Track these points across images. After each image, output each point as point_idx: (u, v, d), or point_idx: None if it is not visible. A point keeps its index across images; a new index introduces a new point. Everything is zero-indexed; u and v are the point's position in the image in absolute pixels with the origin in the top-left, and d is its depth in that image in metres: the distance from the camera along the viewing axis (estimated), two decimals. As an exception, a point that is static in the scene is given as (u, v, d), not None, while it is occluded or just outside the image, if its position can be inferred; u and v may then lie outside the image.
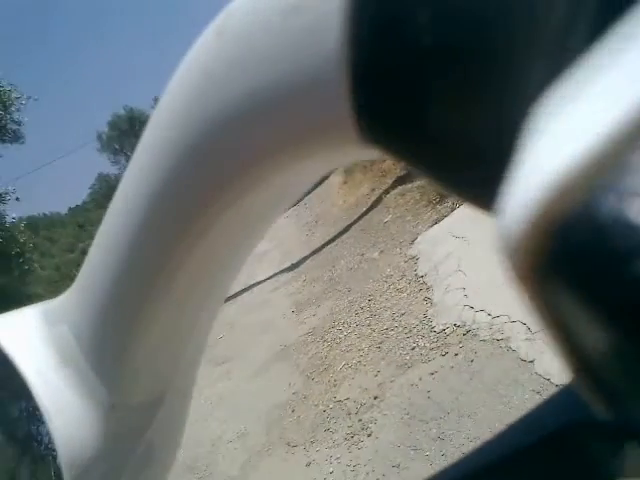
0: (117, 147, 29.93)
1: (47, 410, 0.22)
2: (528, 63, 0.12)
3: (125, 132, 29.31)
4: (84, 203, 37.77)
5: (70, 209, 40.89)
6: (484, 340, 2.64)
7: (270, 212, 0.23)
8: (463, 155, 0.14)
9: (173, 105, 0.18)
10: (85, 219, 31.91)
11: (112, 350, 0.22)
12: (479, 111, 0.13)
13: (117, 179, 31.47)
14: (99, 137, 30.04)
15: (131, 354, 0.22)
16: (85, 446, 0.22)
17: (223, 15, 0.17)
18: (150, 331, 0.22)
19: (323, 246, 6.03)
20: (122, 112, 29.96)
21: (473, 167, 0.14)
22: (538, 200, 0.08)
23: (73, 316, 0.23)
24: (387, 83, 0.14)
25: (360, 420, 2.73)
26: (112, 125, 29.71)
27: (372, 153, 0.16)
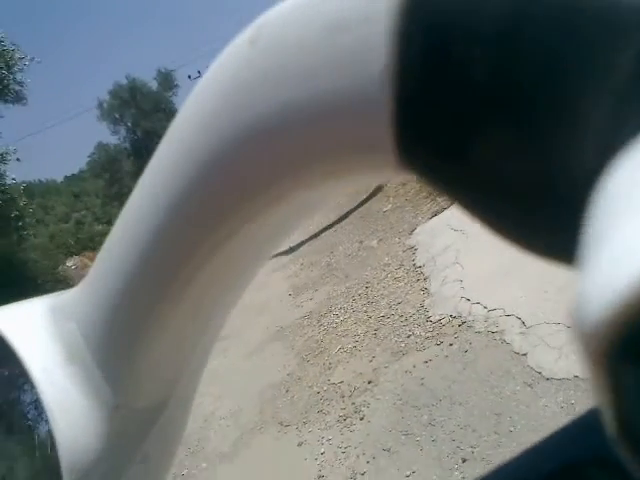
0: (117, 117, 29.47)
1: (51, 408, 0.21)
2: (589, 120, 0.11)
3: (126, 102, 28.86)
4: (81, 172, 37.20)
5: (66, 177, 40.42)
6: (479, 332, 2.70)
7: (289, 225, 0.22)
8: (504, 196, 0.13)
9: (200, 108, 0.18)
10: (81, 189, 31.46)
11: (121, 352, 0.22)
12: (526, 158, 0.13)
13: (116, 149, 30.94)
14: (100, 105, 29.63)
15: (140, 357, 0.22)
16: (86, 446, 0.22)
17: (258, 24, 0.16)
18: (160, 336, 0.22)
19: (322, 231, 6.07)
20: (124, 81, 29.66)
21: (514, 209, 0.14)
22: (622, 291, 0.08)
23: (82, 314, 0.23)
24: (433, 112, 0.13)
25: (353, 403, 2.79)
26: (113, 94, 29.25)
27: (405, 176, 0.16)
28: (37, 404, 0.22)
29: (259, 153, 0.17)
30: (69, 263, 16.17)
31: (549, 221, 0.13)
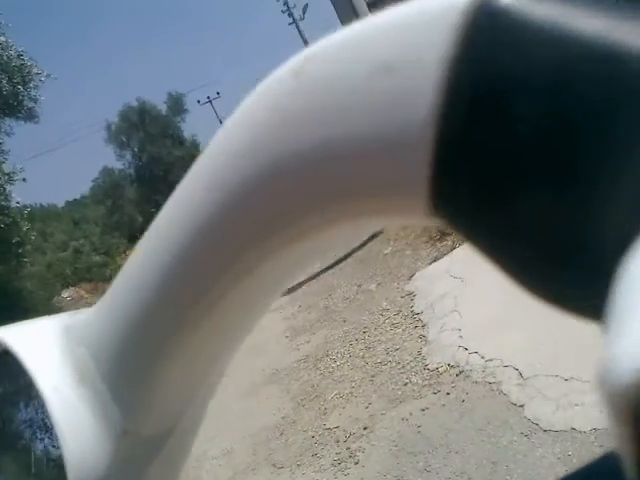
0: (124, 140, 28.94)
1: (60, 427, 0.21)
2: (627, 186, 0.11)
3: (134, 125, 28.16)
4: (82, 197, 36.28)
5: (67, 202, 39.48)
6: (476, 382, 2.71)
7: (305, 262, 0.22)
8: (532, 251, 0.13)
9: (236, 135, 0.18)
10: (81, 215, 30.60)
11: (132, 378, 0.22)
12: (562, 217, 0.13)
13: (121, 174, 29.94)
14: (108, 127, 29.25)
15: (150, 385, 0.22)
16: (94, 467, 0.22)
17: (303, 56, 0.16)
18: (172, 365, 0.22)
19: (320, 273, 6.08)
20: (134, 104, 29.42)
21: (544, 266, 0.14)
22: None
23: (95, 337, 0.23)
24: (473, 161, 0.13)
25: (348, 448, 2.77)
26: (123, 116, 28.60)
27: (433, 223, 0.16)
28: (45, 423, 0.23)
29: (293, 186, 0.17)
30: (65, 294, 15.95)
31: (576, 280, 0.13)
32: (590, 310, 0.13)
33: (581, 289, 0.13)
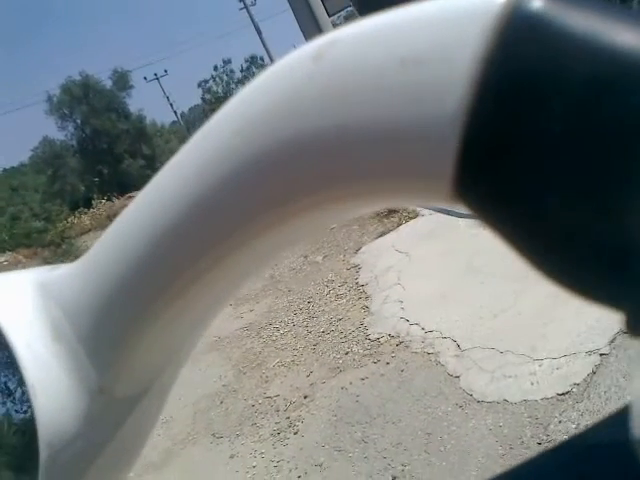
0: (67, 112, 28.58)
1: (32, 384, 0.21)
2: None
3: (77, 98, 28.05)
4: (21, 165, 35.79)
5: (4, 170, 38.64)
6: (415, 352, 2.76)
7: (298, 238, 0.23)
8: (550, 240, 0.14)
9: (246, 111, 0.18)
10: (20, 183, 30.28)
11: (110, 337, 0.22)
12: (581, 215, 0.13)
13: (62, 145, 29.91)
14: (49, 99, 28.66)
15: (128, 345, 0.22)
16: (66, 424, 0.22)
17: (324, 41, 0.17)
18: (152, 329, 0.22)
19: (267, 244, 6.06)
20: (78, 77, 28.80)
21: (562, 256, 0.14)
22: None
23: (72, 295, 0.23)
24: (499, 156, 0.14)
25: (288, 418, 2.79)
26: (65, 89, 28.34)
27: (457, 206, 0.16)
28: (19, 380, 0.22)
29: (304, 163, 0.17)
30: (1, 259, 15.50)
31: (604, 275, 0.14)
32: (621, 304, 0.14)
33: (611, 285, 0.14)
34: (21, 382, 0.22)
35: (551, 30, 0.13)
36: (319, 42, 0.17)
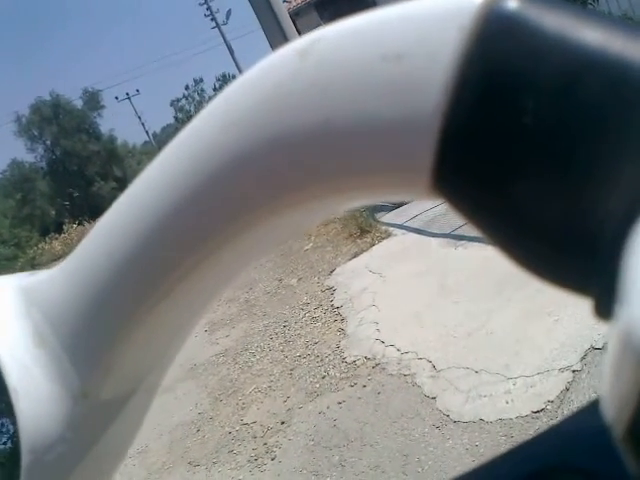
0: (36, 133, 28.05)
1: (15, 390, 0.21)
2: (624, 175, 0.13)
3: (47, 119, 27.60)
4: None
5: None
6: (392, 374, 2.77)
7: (281, 237, 0.23)
8: (530, 232, 0.15)
9: (232, 107, 0.18)
10: None
11: (93, 342, 0.22)
12: (558, 202, 0.14)
13: (31, 168, 29.29)
14: (18, 119, 28.14)
15: (112, 350, 0.22)
16: (48, 431, 0.21)
17: (309, 39, 0.17)
18: (137, 333, 0.22)
19: (242, 268, 6.02)
20: (48, 97, 28.41)
21: (540, 246, 0.15)
22: None
23: (55, 300, 0.22)
24: (478, 149, 0.14)
25: (265, 444, 2.77)
26: (34, 109, 27.86)
27: (434, 199, 0.17)
28: (1, 385, 0.22)
29: (291, 158, 0.17)
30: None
31: (574, 261, 0.14)
32: (589, 289, 0.14)
33: (580, 270, 0.14)
34: (3, 387, 0.22)
35: (525, 28, 0.14)
36: (305, 39, 0.17)
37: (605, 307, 0.13)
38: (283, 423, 2.86)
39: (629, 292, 0.11)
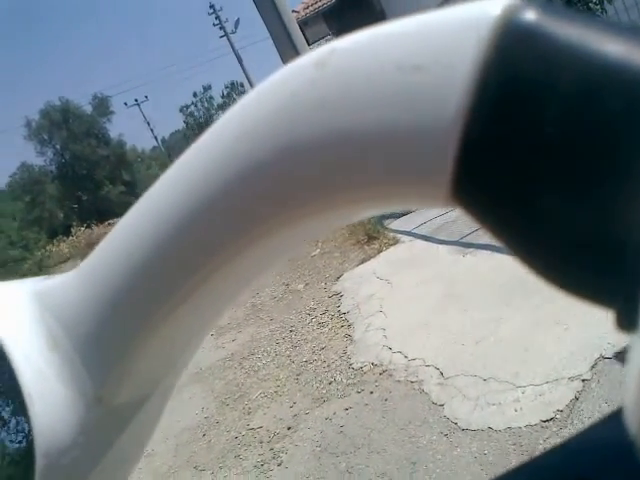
0: (46, 138, 28.36)
1: (29, 394, 0.21)
2: None
3: (57, 124, 27.90)
4: None
5: None
6: (399, 381, 2.75)
7: (299, 242, 0.23)
8: (554, 246, 0.14)
9: (249, 116, 0.18)
10: None
11: (107, 347, 0.22)
12: (577, 213, 0.14)
13: (41, 171, 29.58)
14: (28, 124, 28.42)
15: (127, 355, 0.22)
16: (62, 436, 0.22)
17: (326, 49, 0.17)
18: (152, 339, 0.22)
19: (249, 272, 6.03)
20: (57, 103, 28.67)
21: (558, 257, 0.15)
22: None
23: (70, 305, 0.22)
24: (497, 158, 0.14)
25: (272, 449, 2.76)
26: (44, 114, 28.19)
27: (453, 208, 0.17)
28: (16, 389, 0.22)
29: (307, 167, 0.17)
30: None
31: (596, 272, 0.14)
32: (611, 301, 0.14)
33: (602, 282, 0.14)
34: (18, 391, 0.22)
35: (543, 40, 0.14)
36: (321, 50, 0.17)
37: (628, 319, 0.13)
38: (289, 428, 2.85)
39: None
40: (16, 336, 0.22)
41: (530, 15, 0.15)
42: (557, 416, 2.03)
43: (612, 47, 0.14)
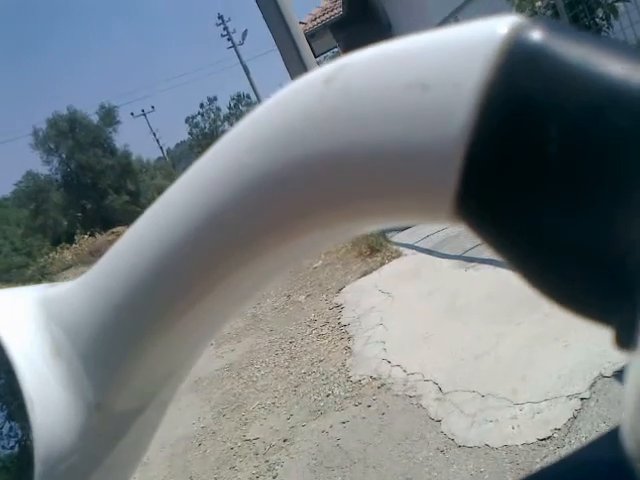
0: (52, 147, 28.64)
1: (31, 399, 0.21)
2: None
3: (64, 133, 28.17)
4: (3, 199, 35.61)
5: None
6: (397, 395, 2.73)
7: (299, 258, 0.23)
8: (550, 259, 0.15)
9: (258, 131, 0.18)
10: (1, 216, 30.04)
11: (109, 354, 0.22)
12: (580, 231, 0.14)
13: (46, 179, 29.89)
14: (35, 133, 28.70)
15: (129, 363, 0.22)
16: (62, 442, 0.22)
17: (335, 66, 0.17)
18: (153, 345, 0.22)
19: (250, 282, 6.03)
20: (65, 112, 28.94)
21: (561, 275, 0.15)
22: None
23: (73, 312, 0.23)
24: (501, 176, 0.15)
25: (267, 461, 2.73)
26: (52, 123, 28.48)
27: (456, 225, 0.17)
28: (17, 393, 0.22)
29: (315, 181, 0.17)
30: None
31: (596, 290, 0.14)
32: (611, 319, 0.14)
33: (602, 300, 0.14)
34: (19, 396, 0.22)
35: (549, 60, 0.14)
36: (330, 66, 0.18)
37: (626, 338, 0.13)
38: (286, 441, 2.82)
39: None
40: (20, 341, 0.22)
41: (536, 35, 0.15)
42: (555, 435, 2.01)
43: (617, 68, 0.14)
